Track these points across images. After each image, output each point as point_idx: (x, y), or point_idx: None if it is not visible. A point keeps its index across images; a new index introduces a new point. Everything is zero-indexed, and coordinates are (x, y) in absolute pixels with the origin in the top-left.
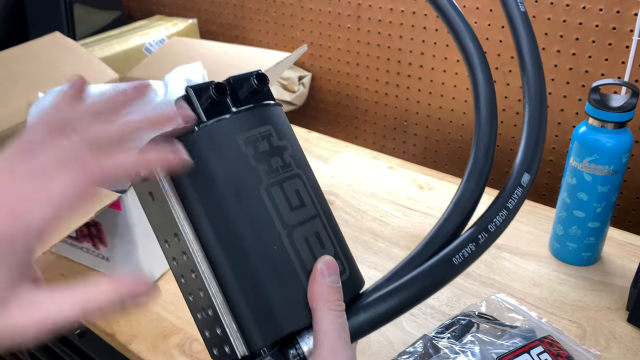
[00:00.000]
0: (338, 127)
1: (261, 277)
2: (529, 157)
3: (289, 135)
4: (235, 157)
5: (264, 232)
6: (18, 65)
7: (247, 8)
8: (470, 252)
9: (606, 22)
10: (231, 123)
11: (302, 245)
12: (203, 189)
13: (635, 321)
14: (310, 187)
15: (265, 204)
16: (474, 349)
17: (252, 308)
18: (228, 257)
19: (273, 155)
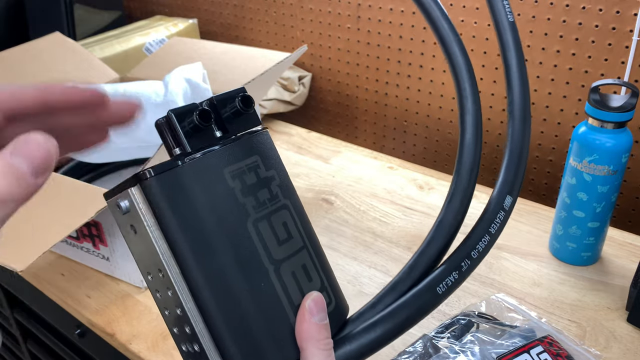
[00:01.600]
0: (338, 127)
1: (248, 314)
2: (510, 179)
3: (276, 163)
4: (221, 192)
5: (252, 268)
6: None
7: (247, 8)
8: (453, 280)
9: (606, 22)
10: (218, 155)
11: (289, 280)
12: (188, 225)
13: (635, 321)
14: (296, 216)
15: (253, 240)
16: (474, 349)
17: (239, 346)
18: (214, 294)
19: (260, 187)
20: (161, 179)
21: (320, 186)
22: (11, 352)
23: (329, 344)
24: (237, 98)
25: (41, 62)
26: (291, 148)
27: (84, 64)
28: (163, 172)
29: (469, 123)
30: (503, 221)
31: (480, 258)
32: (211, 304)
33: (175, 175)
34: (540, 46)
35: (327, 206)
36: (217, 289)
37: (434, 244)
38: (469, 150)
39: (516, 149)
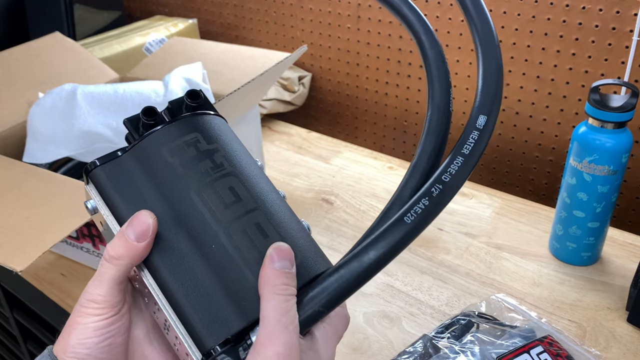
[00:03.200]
0: (338, 127)
1: (202, 277)
2: (486, 99)
3: (222, 138)
4: (162, 169)
5: (200, 233)
6: (18, 65)
7: (247, 8)
8: (423, 207)
9: (606, 22)
10: (154, 138)
11: (241, 239)
12: (134, 205)
13: (635, 321)
14: (248, 182)
15: (197, 206)
16: (474, 349)
17: (198, 311)
18: (166, 265)
19: (201, 159)
20: (105, 169)
21: (320, 186)
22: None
23: (286, 289)
24: (185, 94)
25: (41, 62)
26: (291, 148)
27: (84, 64)
28: (106, 163)
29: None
30: (478, 142)
31: (455, 183)
32: (165, 274)
33: (118, 163)
34: (540, 46)
35: (327, 206)
36: (169, 259)
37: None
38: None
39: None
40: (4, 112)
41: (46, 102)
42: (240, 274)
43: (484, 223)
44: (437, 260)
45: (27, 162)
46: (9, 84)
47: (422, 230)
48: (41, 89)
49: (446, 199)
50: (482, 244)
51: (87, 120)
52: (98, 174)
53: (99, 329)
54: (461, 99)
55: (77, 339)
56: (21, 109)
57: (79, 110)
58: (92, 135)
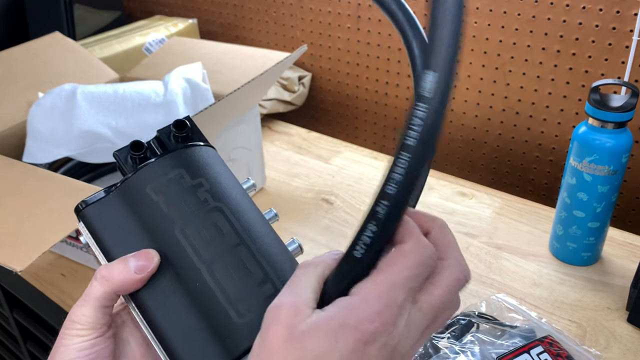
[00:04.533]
0: (338, 127)
1: (187, 315)
2: None
3: (207, 171)
4: (147, 207)
5: (184, 271)
6: (18, 65)
7: (247, 8)
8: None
9: (606, 22)
10: (139, 177)
11: (224, 276)
12: (121, 245)
13: (635, 321)
14: (233, 216)
15: (181, 244)
16: (474, 349)
17: (183, 348)
18: (153, 302)
19: (185, 196)
20: (94, 209)
21: (320, 186)
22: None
23: None
24: (172, 124)
25: (41, 62)
26: (291, 148)
27: (84, 64)
28: (95, 202)
29: None
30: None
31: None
32: (154, 313)
33: (105, 202)
34: (540, 46)
35: (327, 206)
36: (155, 297)
37: None
38: None
39: None
40: (4, 112)
41: (46, 102)
42: (223, 312)
43: (484, 223)
44: None
45: (27, 162)
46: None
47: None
48: (41, 89)
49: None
50: (482, 244)
51: (87, 120)
52: (87, 213)
53: (82, 350)
54: (461, 99)
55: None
56: (21, 109)
57: (79, 110)
58: (92, 135)
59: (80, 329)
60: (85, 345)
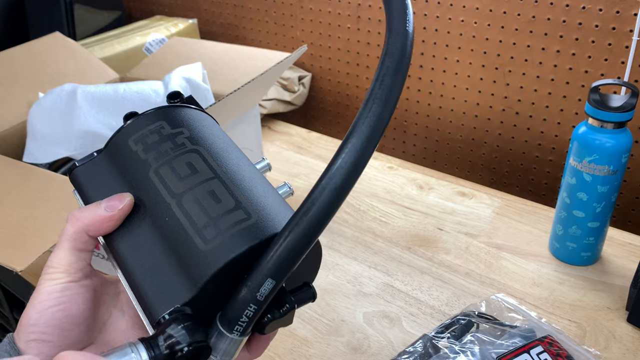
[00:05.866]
0: (338, 127)
1: (155, 251)
2: None
3: (190, 123)
4: (126, 157)
5: (154, 208)
6: (18, 65)
7: (247, 8)
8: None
9: (606, 22)
10: (123, 133)
11: (192, 207)
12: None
13: (635, 321)
14: (210, 156)
15: (154, 184)
16: (474, 349)
17: (149, 283)
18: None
19: (163, 142)
20: (82, 169)
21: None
22: None
23: None
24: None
25: (41, 62)
26: (291, 148)
27: (84, 64)
28: (83, 164)
29: None
30: None
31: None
32: (124, 253)
33: (93, 162)
34: (540, 46)
35: None
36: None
37: None
38: None
39: None
40: (4, 112)
41: (46, 102)
42: (189, 241)
43: (484, 223)
44: (437, 260)
45: (27, 162)
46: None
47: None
48: (41, 89)
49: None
50: (482, 244)
51: (87, 120)
52: (76, 174)
53: (52, 293)
54: (461, 99)
55: (32, 305)
56: (21, 109)
57: (79, 110)
58: (92, 135)
59: (53, 272)
60: (57, 288)
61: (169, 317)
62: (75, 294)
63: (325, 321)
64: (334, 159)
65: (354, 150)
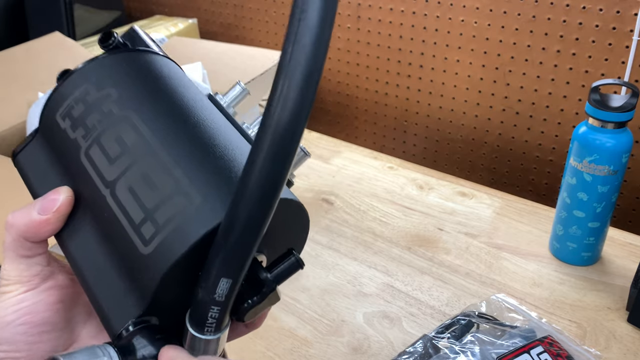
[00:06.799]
0: (338, 127)
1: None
2: None
3: (120, 78)
4: (58, 138)
5: (92, 202)
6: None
7: (247, 8)
8: None
9: (606, 22)
10: (49, 106)
11: (127, 199)
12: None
13: (635, 321)
14: (143, 123)
15: (87, 170)
16: (474, 349)
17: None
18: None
19: (89, 113)
20: (23, 154)
21: (320, 186)
22: None
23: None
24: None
25: (41, 62)
26: None
27: None
28: (23, 149)
29: None
30: None
31: None
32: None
33: (31, 145)
34: (540, 46)
35: (327, 206)
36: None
37: None
38: None
39: None
40: (4, 112)
41: None
42: (129, 243)
43: (484, 223)
44: (437, 260)
45: None
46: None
47: None
48: (41, 89)
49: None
50: (482, 244)
51: None
52: (18, 161)
53: (9, 307)
54: (461, 99)
55: None
56: (21, 109)
57: None
58: None
59: (5, 284)
60: (12, 301)
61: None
62: (35, 303)
63: (325, 321)
64: None
65: None
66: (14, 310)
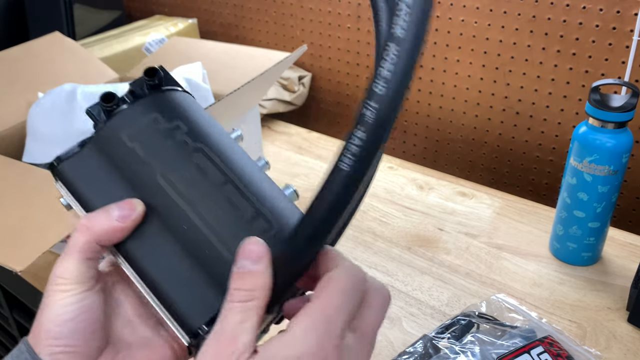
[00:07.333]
0: (338, 127)
1: (178, 261)
2: None
3: (185, 114)
4: (124, 156)
5: (169, 216)
6: (18, 65)
7: (247, 8)
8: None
9: (606, 22)
10: (112, 125)
11: (212, 216)
12: (102, 197)
13: (635, 321)
14: (216, 156)
15: (165, 190)
16: (474, 349)
17: (179, 295)
18: (141, 252)
19: (163, 140)
20: (69, 164)
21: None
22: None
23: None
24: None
25: (41, 62)
26: (291, 148)
27: (83, 64)
28: (69, 157)
29: None
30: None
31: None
32: (144, 264)
33: (80, 156)
34: (540, 46)
35: None
36: (144, 247)
37: None
38: None
39: None
40: (4, 112)
41: (46, 102)
42: (214, 252)
43: (484, 223)
44: (437, 260)
45: (27, 162)
46: (9, 84)
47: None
48: (41, 89)
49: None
50: (483, 244)
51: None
52: (62, 169)
53: (69, 306)
54: (461, 99)
55: (48, 319)
56: (21, 109)
57: (79, 110)
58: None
59: (65, 283)
60: (73, 299)
61: (207, 328)
62: (92, 302)
63: None
64: None
65: None
66: (73, 309)
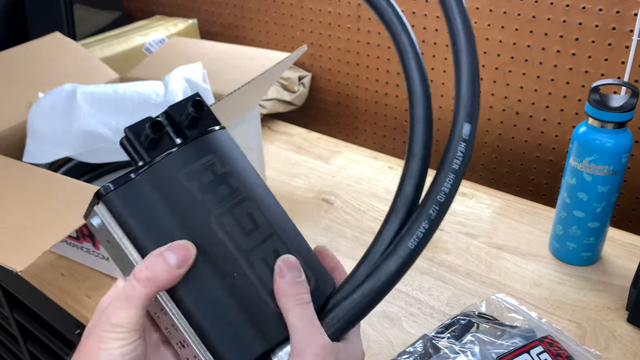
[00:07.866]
0: (338, 127)
1: (226, 305)
2: (468, 104)
3: (234, 158)
4: (180, 195)
5: (222, 261)
6: (18, 65)
7: (247, 8)
8: (424, 230)
9: (606, 22)
10: (171, 161)
11: (261, 267)
12: (153, 232)
13: (635, 321)
14: (263, 205)
15: (218, 235)
16: (474, 349)
17: (222, 337)
18: (189, 292)
19: (219, 184)
20: (119, 193)
21: (320, 186)
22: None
23: (303, 298)
24: (189, 103)
25: (41, 62)
26: (291, 148)
27: (84, 64)
28: (120, 187)
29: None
30: (466, 154)
31: (448, 201)
32: (191, 304)
33: (132, 187)
34: (540, 46)
35: (327, 206)
36: (192, 287)
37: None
38: None
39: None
40: (4, 112)
41: (46, 102)
42: (261, 301)
43: (484, 223)
44: (437, 260)
45: (27, 162)
46: (9, 84)
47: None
48: (41, 89)
49: (442, 217)
50: (482, 244)
51: (87, 120)
52: (113, 199)
53: (126, 354)
54: None
55: None
56: (21, 109)
57: (79, 110)
58: (92, 135)
59: (122, 332)
60: (129, 348)
61: None
62: (143, 349)
63: None
64: None
65: None
66: (130, 358)
